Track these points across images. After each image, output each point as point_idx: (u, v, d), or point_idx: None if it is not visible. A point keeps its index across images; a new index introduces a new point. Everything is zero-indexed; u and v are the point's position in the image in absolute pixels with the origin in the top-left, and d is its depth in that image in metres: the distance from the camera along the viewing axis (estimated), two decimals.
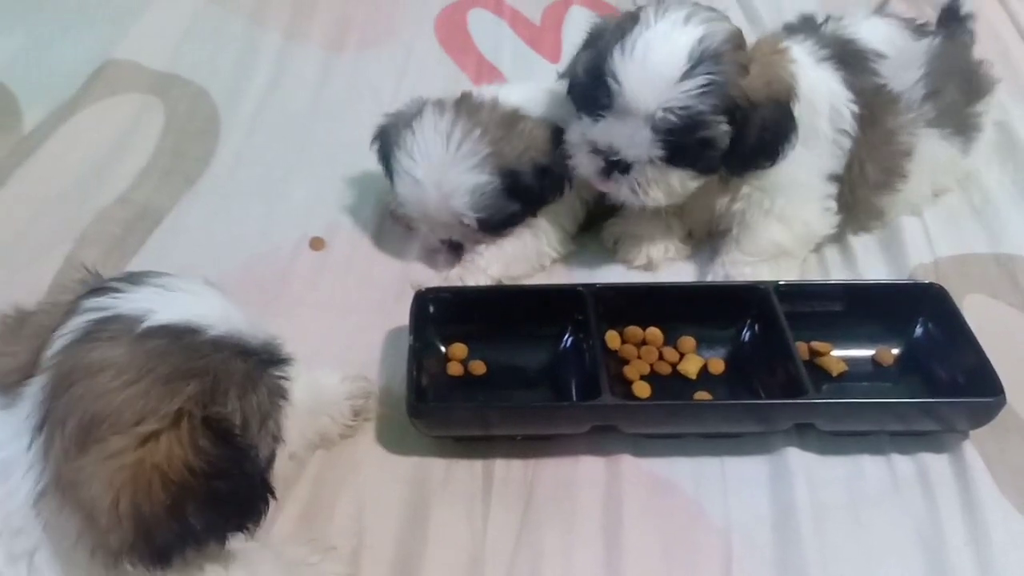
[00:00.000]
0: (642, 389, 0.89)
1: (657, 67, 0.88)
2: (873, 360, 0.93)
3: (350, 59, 1.42)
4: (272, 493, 0.64)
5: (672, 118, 0.88)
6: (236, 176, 1.20)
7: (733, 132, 0.90)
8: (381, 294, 1.03)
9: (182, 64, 1.38)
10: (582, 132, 0.94)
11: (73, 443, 0.57)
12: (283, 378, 0.66)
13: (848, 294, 0.96)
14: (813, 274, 1.05)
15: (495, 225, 1.00)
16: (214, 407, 0.60)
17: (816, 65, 0.99)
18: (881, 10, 1.16)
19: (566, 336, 0.93)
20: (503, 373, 0.92)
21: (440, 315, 0.93)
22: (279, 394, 0.66)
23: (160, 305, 0.62)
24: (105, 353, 0.59)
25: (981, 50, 1.39)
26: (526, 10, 1.53)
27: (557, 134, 1.00)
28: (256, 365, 0.64)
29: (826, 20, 1.10)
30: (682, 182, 0.94)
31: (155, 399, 0.58)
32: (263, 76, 1.37)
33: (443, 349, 0.93)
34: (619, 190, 0.95)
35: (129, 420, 0.58)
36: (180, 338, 0.61)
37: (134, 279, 0.65)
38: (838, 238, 1.09)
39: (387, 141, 1.04)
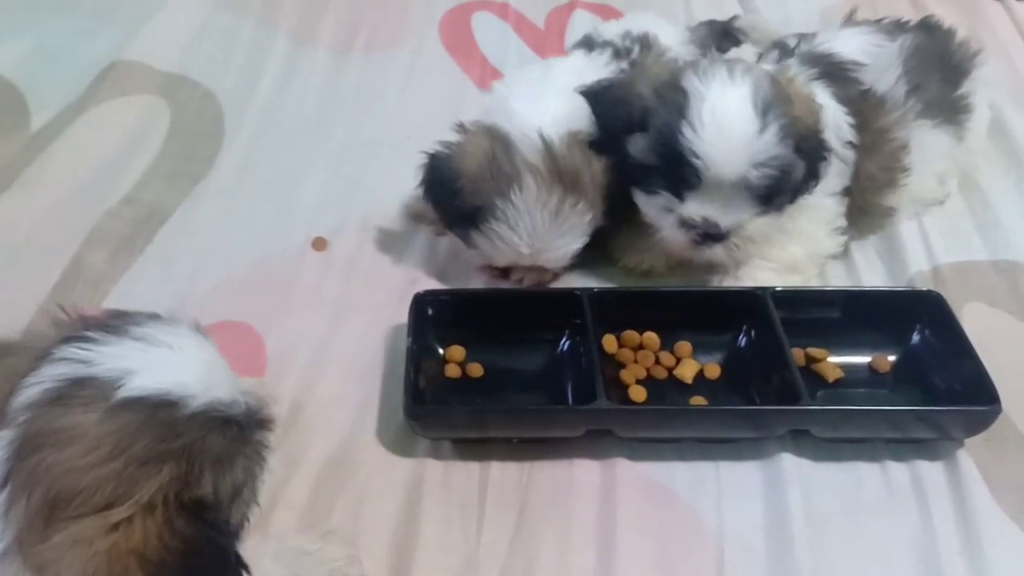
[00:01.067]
0: (638, 393, 0.89)
1: (736, 129, 0.88)
2: (870, 367, 0.93)
3: (357, 62, 1.43)
4: (246, 568, 0.61)
5: (768, 171, 0.89)
6: (241, 177, 1.21)
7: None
8: (385, 294, 1.03)
9: (191, 66, 1.39)
10: (666, 208, 0.94)
11: (39, 516, 0.55)
12: (262, 444, 0.65)
13: (845, 301, 0.96)
14: (812, 280, 1.05)
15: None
16: (188, 491, 0.57)
17: (809, 86, 1.00)
18: (849, 21, 1.16)
19: (563, 340, 0.94)
20: (500, 376, 0.92)
21: (439, 318, 0.94)
22: (257, 463, 0.64)
23: (139, 365, 0.59)
24: (76, 420, 0.56)
25: (990, 63, 1.40)
26: (530, 14, 1.54)
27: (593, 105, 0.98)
28: (234, 438, 0.61)
29: (797, 43, 1.11)
30: (771, 224, 0.94)
31: (127, 483, 0.55)
32: (270, 78, 1.38)
33: (441, 351, 0.94)
34: (713, 254, 0.95)
35: (99, 503, 0.55)
36: (157, 412, 0.57)
37: (114, 327, 0.62)
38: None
39: (455, 190, 0.97)
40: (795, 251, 1.01)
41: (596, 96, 0.98)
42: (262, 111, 1.32)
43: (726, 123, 0.87)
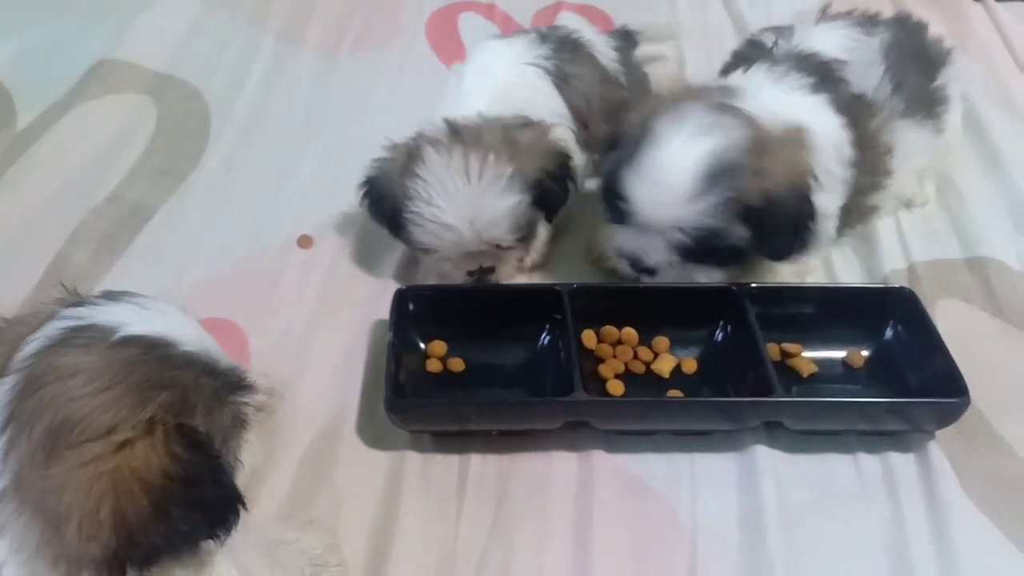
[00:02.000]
0: (616, 387, 0.91)
1: (668, 188, 0.88)
2: (843, 362, 0.95)
3: (344, 62, 1.44)
4: (243, 502, 0.64)
5: (684, 238, 0.90)
6: (227, 176, 1.21)
7: (753, 233, 0.91)
8: (367, 291, 1.04)
9: (177, 65, 1.40)
10: (609, 236, 0.98)
11: (40, 448, 0.57)
12: (246, 404, 0.68)
13: (820, 297, 0.97)
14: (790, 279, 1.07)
15: (526, 237, 1.01)
16: (184, 417, 0.61)
17: (813, 101, 0.98)
18: (824, 16, 1.15)
19: (543, 335, 0.95)
20: (481, 370, 0.93)
21: (420, 313, 0.95)
22: (240, 420, 0.67)
23: (135, 319, 0.63)
24: (78, 358, 0.60)
25: (969, 63, 1.42)
26: (516, 14, 1.55)
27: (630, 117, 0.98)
28: (223, 386, 0.65)
29: (775, 41, 1.09)
30: (708, 274, 0.95)
31: (127, 407, 0.58)
32: (257, 78, 1.39)
33: (423, 346, 0.95)
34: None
35: (101, 427, 0.57)
36: (153, 349, 0.62)
37: (112, 296, 0.66)
38: None
39: (384, 195, 0.99)
40: (781, 268, 1.01)
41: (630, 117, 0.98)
42: (249, 110, 1.33)
43: (662, 179, 0.88)
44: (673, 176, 0.88)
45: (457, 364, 0.94)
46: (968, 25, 1.56)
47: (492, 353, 0.94)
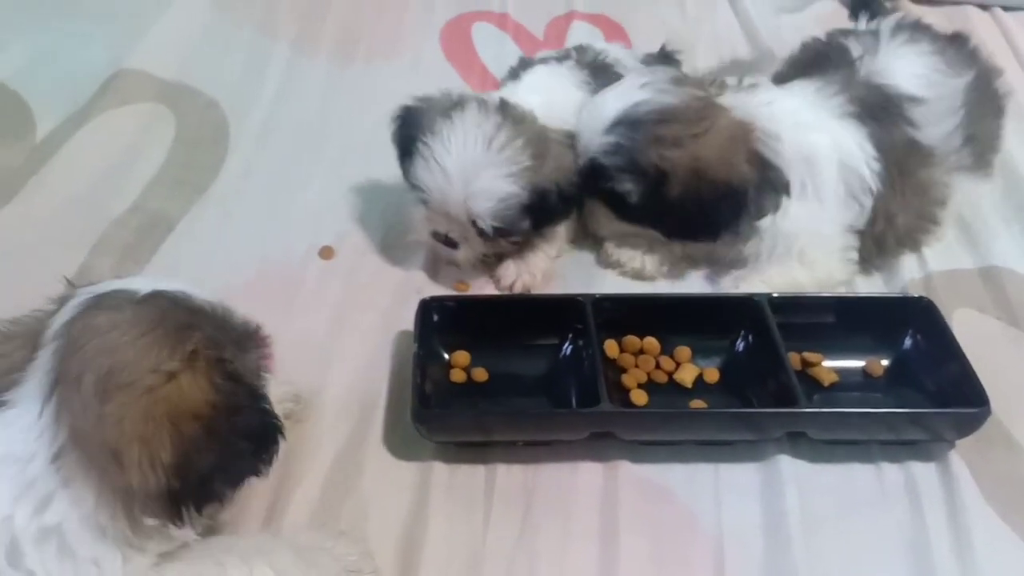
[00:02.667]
0: (639, 397, 0.92)
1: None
2: (863, 371, 0.96)
3: (358, 70, 1.45)
4: (282, 431, 0.69)
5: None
6: (246, 185, 1.22)
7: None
8: (388, 300, 1.05)
9: (192, 74, 1.41)
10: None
11: (92, 395, 0.61)
12: (264, 360, 0.73)
13: (840, 307, 0.98)
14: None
15: (502, 236, 1.01)
16: (220, 352, 0.66)
17: (834, 123, 1.00)
18: (903, 27, 1.12)
19: (566, 344, 0.96)
20: (504, 380, 0.94)
21: (444, 323, 0.96)
22: (260, 372, 0.72)
23: (151, 284, 0.68)
24: (111, 316, 0.64)
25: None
26: (529, 24, 1.56)
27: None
28: (242, 335, 0.70)
29: (860, 57, 1.06)
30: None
31: (168, 346, 0.63)
32: (272, 86, 1.40)
33: (446, 356, 0.96)
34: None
35: (147, 366, 0.62)
36: (177, 301, 0.67)
37: (116, 278, 0.71)
38: None
39: (413, 123, 1.01)
40: (800, 275, 1.02)
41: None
42: (265, 119, 1.34)
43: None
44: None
45: (481, 374, 0.95)
46: (976, 34, 1.57)
47: (515, 363, 0.95)
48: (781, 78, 1.16)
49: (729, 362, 0.96)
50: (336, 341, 1.00)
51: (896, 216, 1.04)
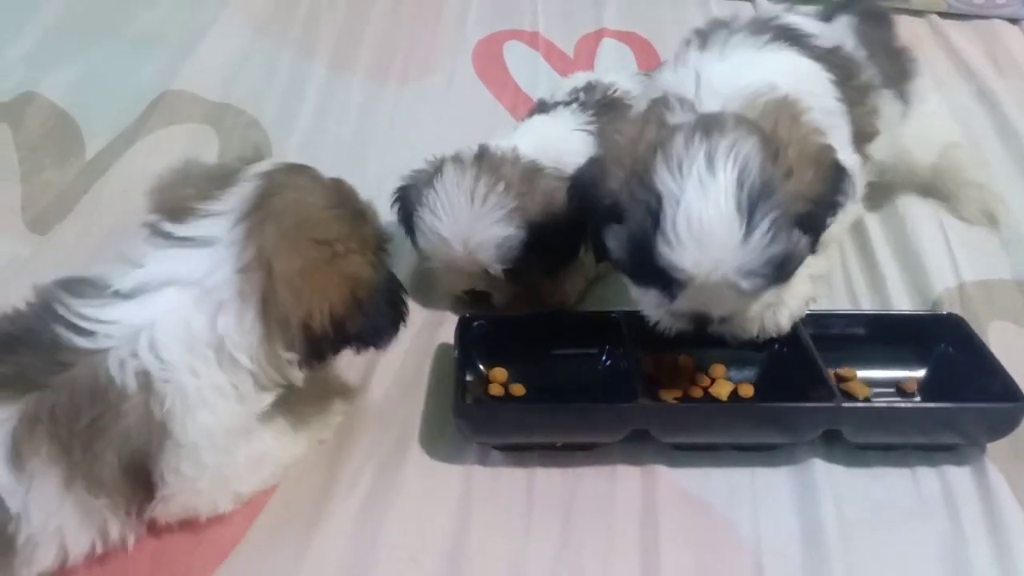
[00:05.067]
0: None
1: (715, 243, 0.77)
2: (897, 386, 0.97)
3: (393, 90, 1.49)
4: (406, 315, 0.88)
5: (756, 280, 0.79)
6: None
7: (812, 234, 0.83)
8: (425, 317, 1.07)
9: (234, 94, 1.45)
10: (656, 303, 0.86)
11: (289, 233, 0.76)
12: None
13: (870, 323, 1.00)
14: (841, 299, 1.09)
15: (520, 275, 1.03)
16: (382, 242, 0.84)
17: (776, 55, 0.95)
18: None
19: (603, 358, 0.98)
20: (542, 395, 0.96)
21: (482, 340, 0.98)
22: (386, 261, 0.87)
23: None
24: (309, 180, 0.81)
25: (1007, 82, 1.44)
26: (560, 42, 1.59)
27: (570, 191, 0.98)
28: (383, 235, 0.87)
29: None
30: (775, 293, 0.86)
31: (349, 227, 0.80)
32: (310, 107, 1.44)
33: (484, 372, 0.98)
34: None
35: (333, 234, 0.78)
36: (353, 192, 0.84)
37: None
38: (866, 262, 1.14)
39: (408, 201, 1.06)
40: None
41: (575, 185, 0.92)
42: (305, 138, 1.38)
43: (705, 234, 0.76)
44: (715, 224, 0.76)
45: (518, 390, 0.97)
46: (1004, 45, 1.58)
47: (552, 378, 0.97)
48: None
49: (764, 377, 0.97)
50: (373, 358, 1.01)
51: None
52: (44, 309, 0.76)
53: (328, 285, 0.77)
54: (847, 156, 0.93)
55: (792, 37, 0.99)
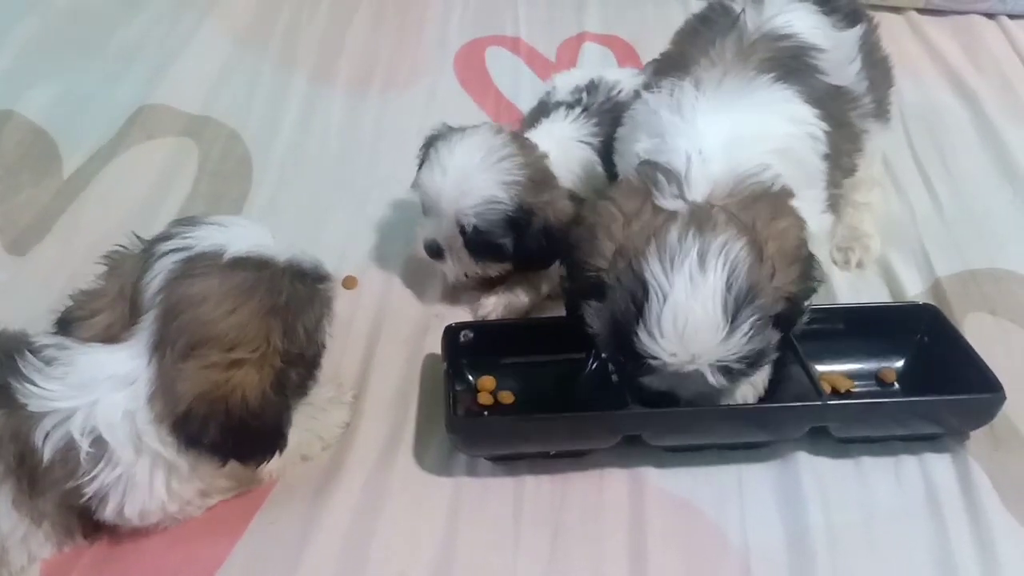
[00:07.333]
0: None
1: (696, 340, 0.79)
2: (877, 378, 0.98)
3: (375, 100, 1.48)
4: (282, 449, 0.81)
5: (728, 375, 0.82)
6: (270, 217, 1.24)
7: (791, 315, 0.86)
8: (410, 328, 1.07)
9: (215, 107, 1.44)
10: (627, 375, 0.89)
11: (179, 355, 0.75)
12: (328, 291, 0.84)
13: (847, 317, 1.01)
14: (819, 302, 1.09)
15: (482, 247, 1.05)
16: (289, 344, 0.79)
17: (778, 104, 0.93)
18: None
19: (591, 362, 0.98)
20: (530, 403, 0.96)
21: (469, 348, 0.98)
22: (326, 304, 0.84)
23: (228, 239, 0.79)
24: (203, 285, 0.76)
25: (984, 79, 1.45)
26: (542, 47, 1.59)
27: (575, 218, 1.00)
28: (311, 285, 0.81)
29: (742, 11, 1.00)
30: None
31: (251, 331, 0.76)
32: (292, 118, 1.43)
33: (473, 380, 0.98)
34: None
35: (227, 344, 0.76)
36: (260, 270, 0.78)
37: (190, 221, 0.82)
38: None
39: (431, 141, 1.09)
40: None
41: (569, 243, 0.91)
42: (286, 151, 1.37)
43: (689, 331, 0.78)
44: (699, 323, 0.78)
45: (507, 397, 0.97)
46: (982, 42, 1.59)
47: (540, 385, 0.98)
48: (669, 58, 1.07)
49: None
50: (363, 369, 1.02)
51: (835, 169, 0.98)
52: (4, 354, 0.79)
53: (206, 392, 0.76)
54: (820, 220, 0.96)
55: (797, 69, 0.96)
